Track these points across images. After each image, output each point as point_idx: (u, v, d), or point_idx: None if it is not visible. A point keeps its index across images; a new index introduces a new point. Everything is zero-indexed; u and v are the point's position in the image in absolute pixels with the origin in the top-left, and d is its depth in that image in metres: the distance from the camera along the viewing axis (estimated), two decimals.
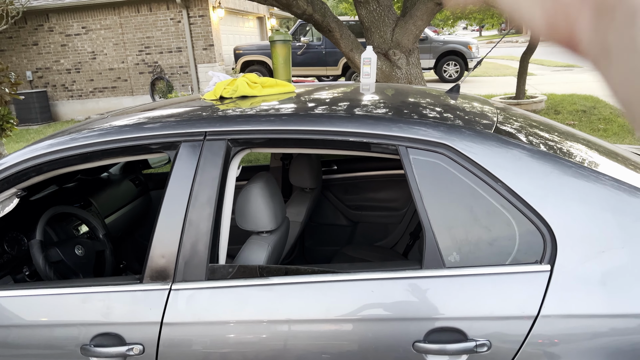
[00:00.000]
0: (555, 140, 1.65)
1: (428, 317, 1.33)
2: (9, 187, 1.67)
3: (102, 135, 1.65)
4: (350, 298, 1.39)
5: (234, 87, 1.89)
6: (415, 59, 5.57)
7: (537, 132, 1.70)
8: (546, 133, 1.72)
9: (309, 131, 1.52)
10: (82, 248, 2.14)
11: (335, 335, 1.39)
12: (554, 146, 1.56)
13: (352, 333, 1.38)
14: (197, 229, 1.52)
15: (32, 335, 1.54)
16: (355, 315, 1.38)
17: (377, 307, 1.37)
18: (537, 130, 1.74)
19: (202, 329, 1.45)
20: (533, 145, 1.48)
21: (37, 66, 13.66)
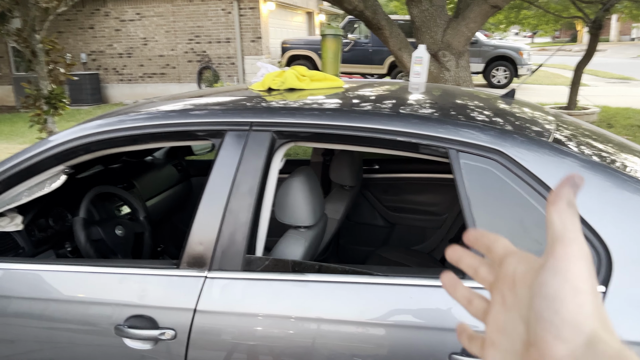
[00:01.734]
0: (613, 153, 1.56)
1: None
2: (57, 164, 1.70)
3: (150, 119, 1.66)
4: (386, 302, 1.36)
5: (282, 78, 1.87)
6: (465, 61, 5.44)
7: (592, 143, 1.61)
8: (602, 144, 1.63)
9: (355, 128, 1.49)
10: (123, 228, 2.18)
11: (366, 339, 1.36)
12: (612, 159, 1.47)
13: (384, 338, 1.35)
14: (237, 218, 1.51)
15: (68, 310, 1.57)
16: (389, 320, 1.34)
17: (415, 314, 1.33)
18: (593, 140, 1.65)
19: (235, 320, 1.44)
20: (590, 157, 1.40)
21: (91, 49, 14.09)
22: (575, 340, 0.32)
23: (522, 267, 0.38)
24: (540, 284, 0.34)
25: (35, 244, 2.06)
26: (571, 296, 0.33)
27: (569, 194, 0.35)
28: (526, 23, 10.76)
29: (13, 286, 1.64)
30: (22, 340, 1.62)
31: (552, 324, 0.33)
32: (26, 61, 5.58)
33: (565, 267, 0.33)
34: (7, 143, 8.92)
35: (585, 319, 0.32)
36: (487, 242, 0.42)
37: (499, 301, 0.39)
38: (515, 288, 0.37)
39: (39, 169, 1.70)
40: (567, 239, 0.34)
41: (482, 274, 0.42)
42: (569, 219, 0.35)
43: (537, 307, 0.34)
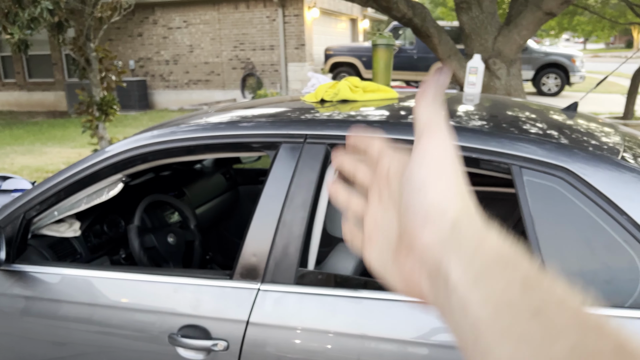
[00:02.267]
0: None
1: None
2: (115, 173, 1.73)
3: (205, 130, 1.68)
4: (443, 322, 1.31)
5: (335, 90, 1.85)
6: (517, 70, 5.30)
7: None
8: None
9: (412, 141, 1.45)
10: (174, 237, 2.21)
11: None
12: None
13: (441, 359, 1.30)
14: (290, 231, 1.50)
15: (123, 317, 1.59)
16: (449, 342, 1.30)
17: None
18: None
19: (288, 334, 1.43)
20: None
21: (139, 56, 14.52)
22: (440, 224, 0.32)
23: (395, 163, 0.38)
24: (408, 176, 0.35)
25: (91, 250, 2.11)
26: (434, 182, 0.33)
27: (435, 89, 0.36)
28: (580, 29, 10.42)
29: (71, 291, 1.68)
30: (75, 344, 1.66)
31: (420, 211, 0.33)
32: (80, 69, 5.78)
33: (429, 155, 0.34)
34: (60, 147, 9.28)
35: (449, 203, 0.33)
36: (365, 143, 0.42)
37: (376, 199, 0.40)
38: (389, 184, 0.38)
39: (98, 178, 1.74)
40: (431, 130, 0.35)
41: (360, 175, 0.42)
42: (433, 112, 0.35)
43: (405, 197, 0.35)
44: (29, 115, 14.30)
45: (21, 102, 15.69)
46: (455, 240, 0.32)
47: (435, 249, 0.32)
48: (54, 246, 1.96)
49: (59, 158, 8.24)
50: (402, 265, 0.36)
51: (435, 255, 0.32)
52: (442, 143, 0.34)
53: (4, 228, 1.75)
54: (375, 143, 0.41)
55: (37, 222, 1.87)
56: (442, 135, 0.35)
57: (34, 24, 4.93)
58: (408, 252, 0.35)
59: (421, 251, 0.33)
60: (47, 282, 1.72)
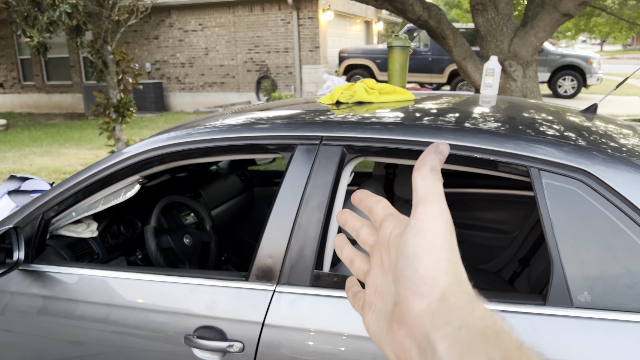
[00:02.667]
0: None
1: None
2: (133, 174, 1.75)
3: (222, 131, 1.69)
4: None
5: (351, 92, 1.85)
6: (533, 71, 5.25)
7: None
8: None
9: (428, 144, 1.45)
10: (190, 238, 2.22)
11: None
12: None
13: None
14: (306, 233, 1.50)
15: (139, 317, 1.60)
16: None
17: None
18: None
19: (303, 336, 1.43)
20: None
21: (155, 59, 14.67)
22: (431, 295, 0.33)
23: (397, 230, 0.38)
24: (403, 244, 0.35)
25: (108, 251, 2.13)
26: (428, 253, 0.34)
27: (433, 160, 0.37)
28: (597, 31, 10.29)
29: (88, 291, 1.70)
30: (92, 343, 1.67)
31: (412, 281, 0.34)
32: (98, 71, 5.85)
33: (424, 226, 0.34)
34: (77, 149, 9.40)
35: (439, 275, 0.33)
36: (370, 204, 0.42)
37: (378, 263, 0.40)
38: (389, 251, 0.38)
39: (115, 179, 1.76)
40: (428, 200, 0.35)
41: (363, 236, 0.43)
42: (431, 183, 0.36)
43: (400, 266, 0.35)
44: (47, 117, 14.52)
45: (40, 104, 15.94)
46: (444, 314, 0.32)
47: (425, 321, 0.33)
48: (72, 246, 1.98)
49: (77, 159, 8.34)
50: (395, 336, 0.36)
51: (424, 327, 0.33)
52: (438, 215, 0.35)
53: (23, 228, 1.77)
54: (381, 204, 0.42)
55: (56, 223, 1.89)
56: (439, 206, 0.35)
57: (52, 27, 5.01)
58: (400, 323, 0.35)
59: (412, 322, 0.34)
60: (64, 282, 1.74)
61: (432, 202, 0.35)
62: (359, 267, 0.44)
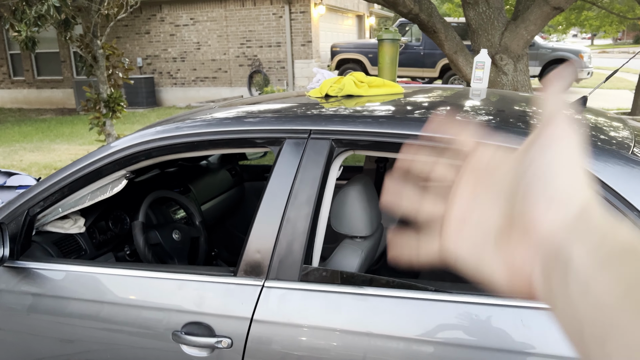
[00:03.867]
0: None
1: (539, 353, 1.20)
2: (119, 169, 1.73)
3: (209, 125, 1.67)
4: (451, 320, 1.29)
5: (340, 85, 1.84)
6: (524, 65, 5.26)
7: None
8: None
9: (419, 136, 1.44)
10: (179, 233, 2.20)
11: (427, 358, 1.30)
12: None
13: (445, 358, 1.28)
14: (294, 227, 1.48)
15: (127, 314, 1.59)
16: (454, 340, 1.28)
17: (481, 335, 1.26)
18: None
19: (292, 331, 1.42)
20: None
21: (147, 53, 14.56)
22: (567, 208, 0.32)
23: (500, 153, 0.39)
24: (530, 160, 0.34)
25: (96, 247, 2.11)
26: (562, 169, 0.33)
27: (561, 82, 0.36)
28: (587, 24, 10.32)
29: (75, 288, 1.68)
30: (81, 341, 1.65)
31: (544, 196, 0.33)
32: (87, 66, 5.80)
33: (556, 142, 0.34)
34: (68, 144, 9.33)
35: (577, 191, 0.33)
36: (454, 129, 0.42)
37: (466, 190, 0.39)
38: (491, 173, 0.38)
39: (101, 174, 1.73)
40: (558, 119, 0.35)
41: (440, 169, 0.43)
42: (559, 102, 0.35)
43: (526, 182, 0.34)
44: (37, 113, 14.39)
45: (30, 100, 15.79)
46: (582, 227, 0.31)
47: (558, 235, 0.32)
48: (59, 243, 1.96)
49: (67, 155, 8.28)
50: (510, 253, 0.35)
51: (556, 240, 0.32)
52: (570, 133, 0.34)
53: (7, 224, 1.75)
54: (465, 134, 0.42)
55: (42, 219, 1.87)
56: (569, 125, 0.35)
57: (40, 21, 4.95)
58: (520, 239, 0.34)
59: (540, 237, 0.33)
60: (51, 279, 1.72)
61: (563, 121, 0.35)
62: (430, 206, 0.42)
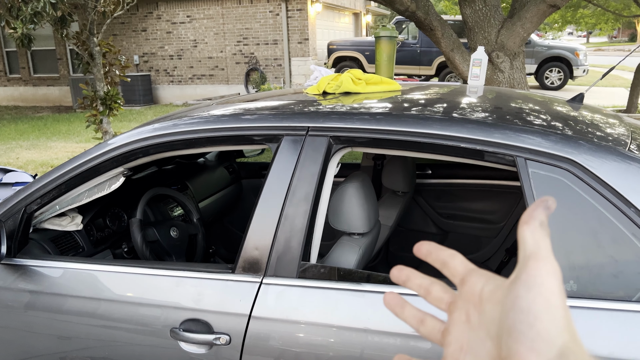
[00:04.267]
0: None
1: None
2: (117, 166, 1.73)
3: (207, 122, 1.67)
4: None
5: (338, 82, 1.84)
6: (520, 63, 5.27)
7: None
8: None
9: (416, 133, 1.44)
10: (177, 230, 2.20)
11: (432, 355, 1.31)
12: None
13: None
14: (292, 224, 1.49)
15: (125, 311, 1.59)
16: None
17: None
18: None
19: (290, 328, 1.42)
20: None
21: (143, 51, 14.52)
22: (548, 352, 0.32)
23: (490, 285, 0.38)
24: (514, 298, 0.35)
25: (93, 244, 2.11)
26: (545, 310, 0.33)
27: (542, 215, 0.36)
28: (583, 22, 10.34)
29: (73, 285, 1.68)
30: (79, 338, 1.65)
31: (526, 336, 0.33)
32: (84, 63, 5.78)
33: (539, 281, 0.34)
34: (64, 142, 9.30)
35: (558, 332, 0.33)
36: (443, 257, 0.42)
37: (462, 320, 0.39)
38: (482, 306, 0.38)
39: (99, 171, 1.73)
40: (540, 256, 0.35)
41: (436, 293, 0.42)
42: (541, 238, 0.35)
43: (510, 320, 0.34)
44: (34, 110, 14.34)
45: (26, 97, 15.73)
46: None
47: None
48: (56, 240, 1.96)
49: (64, 153, 8.25)
50: None
51: None
52: (552, 272, 0.35)
53: (4, 222, 1.75)
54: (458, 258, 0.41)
55: (39, 216, 1.87)
56: (551, 263, 0.35)
57: (37, 18, 4.93)
58: None
59: None
60: (49, 276, 1.72)
61: (545, 259, 0.35)
62: (432, 326, 0.42)
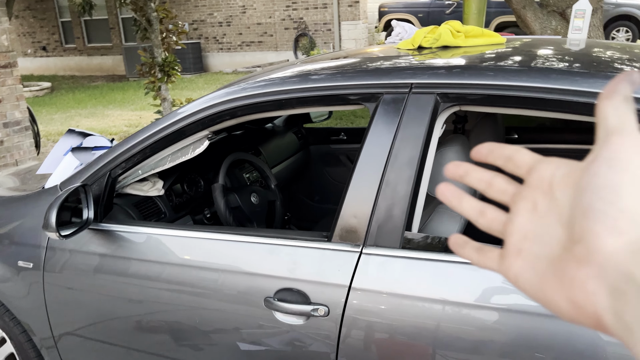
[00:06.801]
0: None
1: None
2: (202, 129, 1.65)
3: (299, 82, 1.55)
4: None
5: (435, 35, 1.68)
6: (598, 20, 4.89)
7: None
8: None
9: (542, 89, 1.27)
10: (257, 196, 2.13)
11: (552, 331, 1.18)
12: None
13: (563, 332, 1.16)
14: (395, 191, 1.37)
15: (217, 280, 1.53)
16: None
17: None
18: None
19: (394, 301, 1.32)
20: None
21: (193, 18, 14.50)
22: (632, 231, 0.29)
23: (562, 169, 0.35)
24: (592, 175, 0.31)
25: (174, 209, 2.07)
26: (631, 186, 0.30)
27: (626, 89, 0.33)
28: None
29: (161, 252, 1.63)
30: (165, 303, 1.62)
31: (607, 215, 0.30)
32: (142, 30, 5.76)
33: (624, 157, 0.31)
34: (120, 110, 9.47)
35: None
36: (507, 153, 0.39)
37: (528, 209, 0.36)
38: (552, 192, 0.35)
39: (184, 134, 1.66)
40: (625, 131, 0.32)
41: (499, 185, 0.39)
42: (625, 113, 0.32)
43: (587, 200, 0.31)
44: (89, 80, 14.69)
45: (82, 67, 16.11)
46: None
47: (624, 258, 0.29)
48: (139, 205, 1.92)
49: (121, 120, 8.40)
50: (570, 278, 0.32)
51: (622, 265, 0.29)
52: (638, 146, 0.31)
53: (91, 186, 1.71)
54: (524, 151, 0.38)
55: (121, 181, 1.83)
56: (637, 139, 0.31)
57: None
58: (582, 263, 0.31)
59: (603, 260, 0.30)
60: (136, 242, 1.68)
61: (630, 134, 0.32)
62: (493, 217, 0.39)
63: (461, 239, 0.42)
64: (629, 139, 0.31)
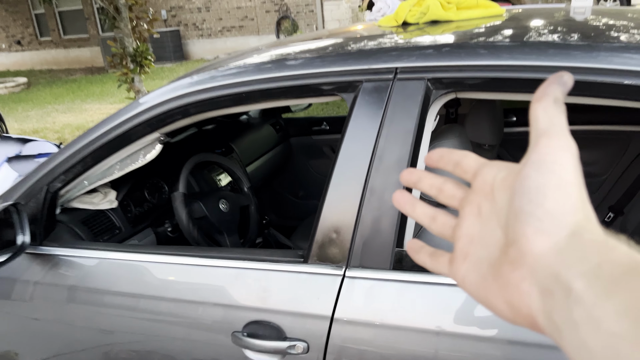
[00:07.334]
0: None
1: None
2: (151, 132, 1.39)
3: (261, 71, 1.29)
4: None
5: (422, 8, 1.41)
6: None
7: None
8: None
9: (552, 68, 1.03)
10: (227, 202, 1.87)
11: None
12: None
13: None
14: (382, 200, 1.12)
15: (176, 312, 1.29)
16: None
17: None
18: None
19: (386, 334, 1.09)
20: None
21: (171, 5, 14.05)
22: (558, 232, 0.30)
23: (502, 172, 0.35)
24: (523, 178, 0.32)
25: (131, 222, 1.81)
26: (556, 187, 0.31)
27: (556, 91, 0.33)
28: None
29: (113, 280, 1.38)
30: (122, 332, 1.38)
31: (534, 217, 0.31)
32: (110, 18, 5.44)
33: (550, 159, 0.31)
34: (99, 103, 9.13)
35: (570, 210, 0.30)
36: (455, 158, 0.39)
37: (473, 213, 0.37)
38: (493, 195, 0.35)
39: (130, 139, 1.40)
40: (553, 133, 0.32)
41: (448, 191, 0.40)
42: (555, 115, 0.33)
43: (517, 202, 0.32)
44: (67, 73, 14.24)
45: (59, 60, 15.63)
46: (576, 250, 0.29)
47: (551, 259, 0.30)
48: (88, 221, 1.66)
49: (99, 115, 8.07)
50: (506, 281, 0.32)
51: (551, 266, 0.29)
52: (565, 148, 0.31)
53: (25, 205, 1.45)
54: (470, 157, 0.38)
55: (66, 194, 1.57)
56: (565, 140, 0.32)
57: None
58: (515, 265, 0.31)
59: (533, 261, 0.30)
60: (83, 266, 1.43)
61: (558, 135, 0.32)
62: (444, 222, 0.40)
63: (417, 244, 0.42)
64: (556, 141, 0.32)
